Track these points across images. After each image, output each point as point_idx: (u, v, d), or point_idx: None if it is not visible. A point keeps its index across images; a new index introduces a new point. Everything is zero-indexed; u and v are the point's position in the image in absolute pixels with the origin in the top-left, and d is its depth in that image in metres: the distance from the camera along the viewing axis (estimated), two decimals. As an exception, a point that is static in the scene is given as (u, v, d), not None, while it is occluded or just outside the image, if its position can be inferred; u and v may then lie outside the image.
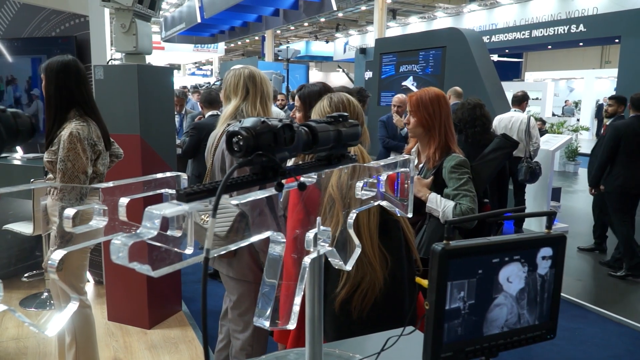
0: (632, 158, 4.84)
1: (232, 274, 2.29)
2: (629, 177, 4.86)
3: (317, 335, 1.00)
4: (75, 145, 2.33)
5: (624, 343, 3.76)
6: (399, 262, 1.72)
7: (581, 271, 5.33)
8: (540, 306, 0.92)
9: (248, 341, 2.33)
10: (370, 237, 1.65)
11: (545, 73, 25.01)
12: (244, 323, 2.35)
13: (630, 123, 4.92)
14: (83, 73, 2.50)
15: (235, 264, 2.28)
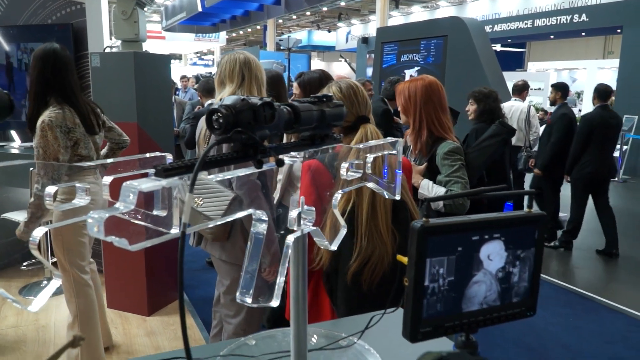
0: (601, 147, 5.17)
1: (225, 257, 2.30)
2: (599, 165, 5.18)
3: (302, 313, 1.02)
4: (46, 132, 2.40)
5: (618, 329, 3.79)
6: (405, 240, 1.76)
7: (579, 259, 5.35)
8: (520, 284, 0.93)
9: (241, 325, 2.35)
10: (385, 213, 1.75)
11: (548, 63, 24.87)
12: (236, 308, 2.37)
13: (599, 114, 5.23)
14: (63, 61, 2.53)
15: (228, 247, 2.29)
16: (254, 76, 2.34)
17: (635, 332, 3.73)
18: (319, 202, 1.06)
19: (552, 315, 4.01)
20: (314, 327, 1.23)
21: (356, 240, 1.71)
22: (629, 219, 7.36)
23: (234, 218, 0.87)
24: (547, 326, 3.81)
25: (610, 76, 19.47)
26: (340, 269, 1.76)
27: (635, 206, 8.11)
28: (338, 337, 1.14)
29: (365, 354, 1.11)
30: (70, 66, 2.59)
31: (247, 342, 1.14)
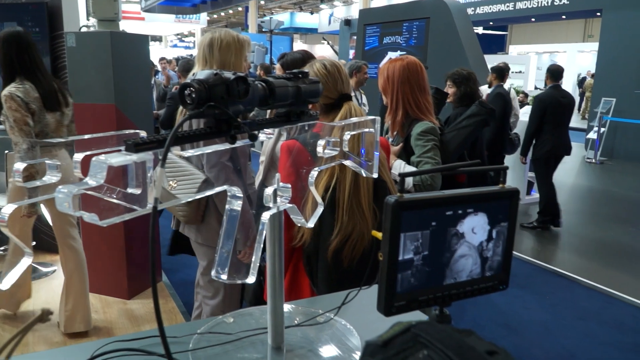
0: (557, 125, 5.33)
1: (201, 239, 2.31)
2: (556, 143, 5.33)
3: (278, 290, 1.02)
4: (9, 102, 2.65)
5: (592, 306, 3.88)
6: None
7: (556, 239, 5.45)
8: (493, 258, 0.95)
9: (219, 307, 2.36)
10: (367, 190, 1.76)
11: (529, 46, 25.03)
12: (214, 289, 2.38)
13: (551, 93, 5.40)
14: (25, 42, 2.76)
15: (203, 229, 2.29)
16: (215, 60, 2.20)
17: (608, 309, 3.83)
18: (298, 182, 1.06)
19: (529, 293, 4.09)
20: (291, 304, 1.24)
21: (337, 216, 1.71)
22: (605, 200, 7.51)
23: (204, 196, 0.86)
24: (525, 303, 3.89)
25: (590, 59, 19.71)
26: (320, 248, 1.77)
27: (612, 187, 8.26)
28: (315, 314, 1.15)
29: (341, 329, 1.12)
30: (33, 47, 2.80)
31: (224, 320, 1.15)
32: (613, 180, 8.79)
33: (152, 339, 1.04)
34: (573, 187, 8.29)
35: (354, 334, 1.10)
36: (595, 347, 3.29)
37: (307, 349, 1.05)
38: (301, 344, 1.06)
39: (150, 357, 1.00)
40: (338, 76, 1.85)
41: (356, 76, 5.41)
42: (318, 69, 1.83)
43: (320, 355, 1.03)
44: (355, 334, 1.09)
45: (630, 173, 9.31)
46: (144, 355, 1.00)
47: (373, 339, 0.61)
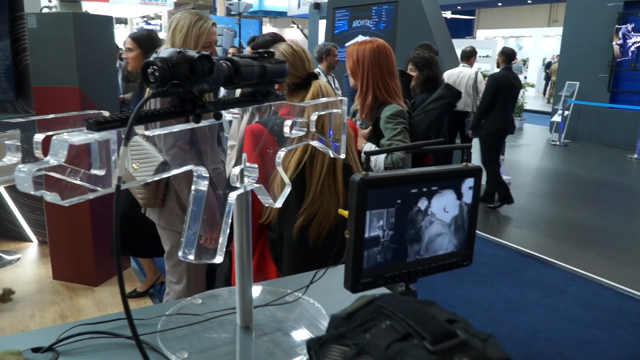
0: (507, 105, 5.57)
1: (163, 223, 2.31)
2: (505, 122, 5.57)
3: (246, 270, 1.03)
4: None
5: (556, 284, 4.01)
6: None
7: (522, 220, 5.58)
8: (457, 235, 0.97)
9: (183, 292, 2.35)
10: (341, 166, 1.77)
11: (496, 31, 25.32)
12: (178, 275, 2.37)
13: (505, 74, 5.62)
14: None
15: (165, 213, 2.29)
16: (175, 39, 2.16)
17: (571, 286, 3.96)
18: (263, 166, 1.05)
19: (496, 273, 4.19)
20: (259, 284, 1.24)
21: (308, 192, 1.72)
22: (569, 181, 7.71)
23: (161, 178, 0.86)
24: (492, 282, 3.99)
25: (555, 44, 20.06)
26: (285, 227, 1.78)
27: (575, 169, 8.49)
28: (283, 294, 1.16)
29: (309, 308, 1.13)
30: None
31: (193, 302, 1.15)
32: (577, 162, 9.03)
33: (119, 321, 1.04)
34: (538, 169, 8.49)
35: (321, 311, 1.11)
36: (558, 323, 3.40)
37: (275, 327, 1.06)
38: (270, 323, 1.07)
39: (117, 339, 1.00)
40: (304, 55, 1.87)
41: (326, 60, 5.36)
42: (284, 49, 1.84)
43: (288, 334, 1.04)
44: (323, 312, 1.11)
45: (593, 155, 9.58)
46: (110, 337, 1.00)
47: (338, 313, 0.62)
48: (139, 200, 2.31)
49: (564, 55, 11.30)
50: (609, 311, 3.58)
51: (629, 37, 9.94)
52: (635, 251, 4.70)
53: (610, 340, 3.20)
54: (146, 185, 2.21)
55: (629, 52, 10.00)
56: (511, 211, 5.84)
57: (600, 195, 6.81)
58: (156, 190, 2.23)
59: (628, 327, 3.37)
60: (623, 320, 3.46)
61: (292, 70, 1.83)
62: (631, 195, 6.94)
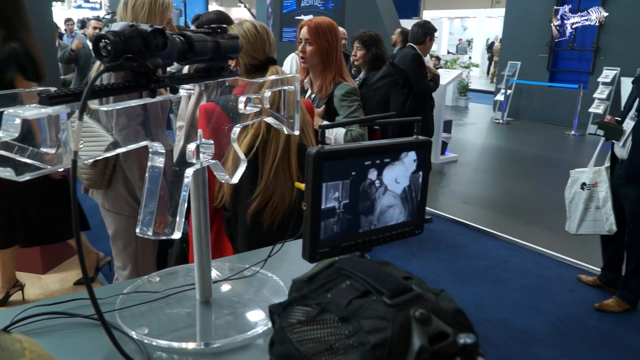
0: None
1: (108, 206, 2.27)
2: None
3: (205, 246, 1.04)
4: None
5: (500, 255, 4.20)
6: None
7: (468, 195, 5.78)
8: (409, 205, 1.01)
9: (131, 276, 2.31)
10: (295, 155, 1.76)
11: (442, 12, 25.71)
12: (123, 260, 2.33)
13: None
14: None
15: (110, 195, 2.24)
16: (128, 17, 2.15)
17: (514, 257, 4.16)
18: (217, 146, 1.05)
19: (445, 247, 4.34)
20: (217, 261, 1.25)
21: (261, 178, 1.71)
22: (512, 158, 8.02)
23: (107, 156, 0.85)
24: (441, 256, 4.13)
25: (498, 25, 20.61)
26: (239, 211, 1.77)
27: (518, 146, 8.82)
28: (241, 268, 1.18)
29: (268, 281, 1.15)
30: None
31: (150, 280, 1.15)
32: (519, 139, 9.38)
33: (75, 302, 1.03)
34: (483, 147, 8.78)
35: (280, 284, 1.14)
36: (502, 291, 3.58)
37: (235, 301, 1.08)
38: (229, 297, 1.09)
39: (74, 319, 0.99)
40: (267, 38, 1.84)
41: None
42: (248, 28, 1.82)
43: (248, 306, 1.06)
44: (281, 284, 1.13)
45: (534, 132, 9.98)
46: (67, 317, 0.99)
47: (299, 277, 0.65)
48: (84, 181, 2.25)
49: (506, 35, 11.64)
50: (549, 279, 3.79)
51: (566, 18, 10.34)
52: (573, 222, 4.98)
53: (550, 306, 3.40)
54: (93, 166, 2.15)
55: (567, 32, 10.40)
56: (458, 187, 6.03)
57: (540, 170, 7.11)
58: (103, 171, 2.18)
59: (566, 293, 3.58)
60: (562, 286, 3.67)
61: (251, 52, 1.82)
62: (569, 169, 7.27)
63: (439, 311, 0.49)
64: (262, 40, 1.81)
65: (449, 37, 22.59)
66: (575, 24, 10.20)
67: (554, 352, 2.90)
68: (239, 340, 0.94)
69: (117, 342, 0.72)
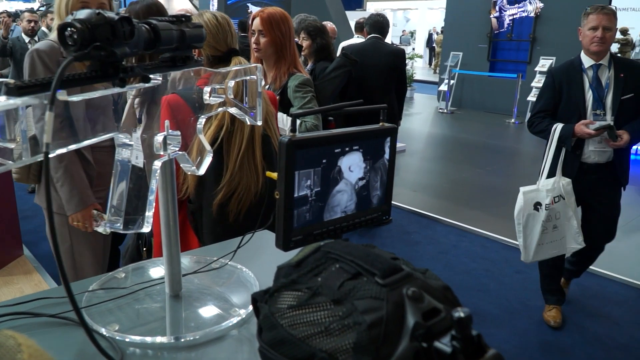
0: None
1: (38, 201, 2.22)
2: None
3: (174, 238, 1.02)
4: None
5: (449, 240, 4.33)
6: (271, 169, 1.80)
7: (416, 183, 5.92)
8: (377, 191, 1.03)
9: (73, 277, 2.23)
10: (259, 142, 1.75)
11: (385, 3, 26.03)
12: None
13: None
14: None
15: (41, 191, 2.19)
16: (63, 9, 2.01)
17: (462, 242, 4.30)
18: (182, 136, 1.04)
19: (396, 234, 4.44)
20: (185, 254, 1.24)
21: (226, 169, 1.69)
22: (456, 146, 8.26)
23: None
24: (392, 243, 4.22)
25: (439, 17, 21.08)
26: (204, 203, 1.75)
27: (462, 134, 9.09)
28: (210, 261, 1.17)
29: (237, 273, 1.15)
30: None
31: (116, 276, 1.12)
32: (462, 128, 9.67)
33: (38, 301, 0.99)
34: (429, 136, 9.00)
35: (250, 275, 1.14)
36: (453, 275, 3.70)
37: (205, 293, 1.07)
38: (199, 290, 1.08)
39: (38, 319, 0.96)
40: (228, 29, 1.83)
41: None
42: (209, 19, 1.79)
43: (218, 299, 1.06)
44: (251, 275, 1.13)
45: (477, 120, 10.31)
46: (30, 317, 0.95)
47: (285, 263, 0.65)
48: (13, 175, 2.18)
49: (448, 27, 11.94)
50: (496, 261, 3.95)
51: (504, 9, 10.70)
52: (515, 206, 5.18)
53: (499, 287, 3.54)
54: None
55: (505, 24, 10.78)
56: (406, 175, 6.16)
57: (484, 157, 7.37)
58: (29, 165, 2.07)
59: (513, 275, 3.74)
60: (508, 268, 3.84)
61: (213, 43, 1.79)
62: (510, 155, 7.60)
63: (429, 288, 0.51)
64: (223, 31, 1.80)
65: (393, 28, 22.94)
66: (513, 15, 10.58)
67: (503, 331, 3.03)
68: (213, 332, 0.94)
69: (95, 339, 0.70)
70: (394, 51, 4.41)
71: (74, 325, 0.95)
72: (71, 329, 0.95)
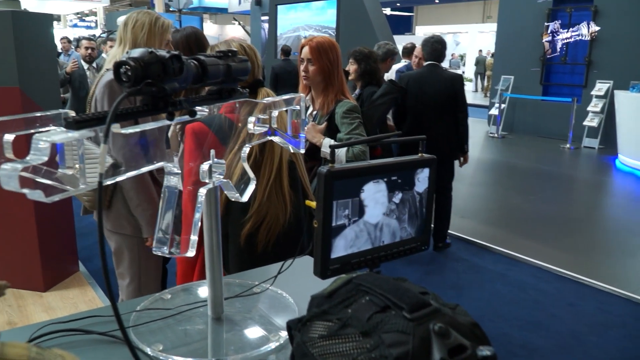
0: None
1: (109, 226, 2.27)
2: None
3: (217, 263, 1.06)
4: None
5: (498, 269, 4.22)
6: (298, 199, 1.82)
7: (465, 209, 5.81)
8: (416, 221, 1.04)
9: (134, 293, 2.31)
10: (286, 174, 1.75)
11: (434, 27, 26.03)
12: (126, 278, 2.33)
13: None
14: None
15: (111, 216, 2.25)
16: (127, 39, 2.19)
17: (512, 271, 4.18)
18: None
19: (442, 260, 4.36)
20: (227, 278, 1.27)
21: (255, 198, 1.69)
22: (507, 171, 8.08)
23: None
24: (440, 270, 4.15)
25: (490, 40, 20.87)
26: (230, 232, 1.75)
27: (513, 160, 8.89)
28: (251, 285, 1.20)
29: (278, 297, 1.17)
30: None
31: (162, 297, 1.17)
32: (514, 153, 9.46)
33: (89, 319, 1.05)
34: (478, 161, 8.84)
35: (289, 300, 1.16)
36: (501, 305, 3.59)
37: (246, 317, 1.10)
38: (240, 313, 1.11)
39: (89, 336, 1.01)
40: (254, 59, 1.83)
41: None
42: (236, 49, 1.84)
43: (259, 323, 1.08)
44: (290, 300, 1.15)
45: (529, 146, 10.06)
46: (82, 334, 1.01)
47: (318, 293, 0.67)
48: (85, 203, 2.27)
49: (499, 50, 11.78)
50: (548, 292, 3.81)
51: (557, 33, 10.49)
52: (571, 236, 5.01)
53: (550, 320, 3.42)
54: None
55: (558, 48, 10.55)
56: (454, 201, 6.04)
57: (536, 183, 7.17)
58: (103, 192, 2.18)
59: (565, 307, 3.60)
60: (561, 300, 3.69)
61: None
62: (566, 182, 7.36)
63: (456, 325, 0.52)
64: (251, 61, 1.83)
65: (442, 52, 22.83)
66: (567, 39, 10.35)
67: (554, 365, 2.91)
68: (253, 356, 0.96)
69: (138, 358, 0.74)
70: (452, 77, 4.39)
71: (122, 343, 1.00)
72: (119, 347, 0.99)
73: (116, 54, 2.22)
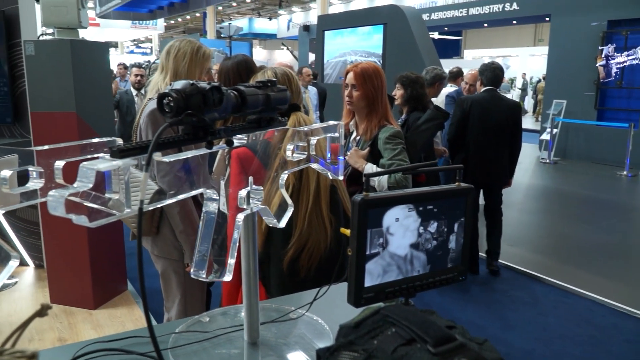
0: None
1: (157, 252, 2.32)
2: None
3: (253, 288, 1.07)
4: None
5: (550, 301, 4.06)
6: (340, 223, 1.83)
7: (514, 237, 5.64)
8: (452, 252, 1.02)
9: (180, 314, 2.36)
10: (326, 197, 1.77)
11: (483, 51, 25.75)
12: (172, 300, 2.39)
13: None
14: None
15: (158, 241, 2.30)
16: (169, 67, 2.25)
17: (564, 303, 4.01)
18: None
19: (489, 290, 4.24)
20: (263, 303, 1.29)
21: (295, 225, 1.71)
22: (559, 198, 7.82)
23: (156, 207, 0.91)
24: (486, 300, 4.03)
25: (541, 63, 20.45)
26: (272, 255, 1.77)
27: (565, 186, 8.61)
28: (288, 311, 1.21)
29: (313, 323, 1.18)
30: None
31: (200, 320, 1.19)
32: (566, 179, 9.15)
33: (130, 339, 1.08)
34: (529, 187, 8.60)
35: (324, 327, 1.16)
36: (553, 340, 3.44)
37: (282, 343, 1.11)
38: (276, 339, 1.12)
39: (130, 356, 1.04)
40: (288, 85, 1.87)
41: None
42: (269, 77, 1.88)
43: (294, 349, 1.09)
44: (325, 327, 1.16)
45: (582, 172, 9.72)
46: (124, 354, 1.04)
47: (346, 322, 0.67)
48: (133, 229, 2.34)
49: (551, 74, 11.53)
50: (603, 328, 3.63)
51: (612, 57, 10.17)
52: (628, 267, 4.77)
53: (605, 356, 3.25)
54: None
55: (612, 72, 10.21)
56: (503, 229, 5.89)
57: (591, 211, 6.90)
58: (151, 218, 2.24)
59: (622, 344, 3.41)
60: (617, 336, 3.51)
61: None
62: (622, 211, 7.03)
63: (482, 361, 0.51)
64: (289, 87, 1.86)
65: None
66: (621, 63, 10.02)
67: (608, 404, 2.76)
68: (285, 382, 0.97)
69: (172, 380, 0.75)
70: (512, 105, 4.38)
71: (160, 365, 1.02)
72: (157, 368, 1.01)
73: (158, 81, 2.29)
